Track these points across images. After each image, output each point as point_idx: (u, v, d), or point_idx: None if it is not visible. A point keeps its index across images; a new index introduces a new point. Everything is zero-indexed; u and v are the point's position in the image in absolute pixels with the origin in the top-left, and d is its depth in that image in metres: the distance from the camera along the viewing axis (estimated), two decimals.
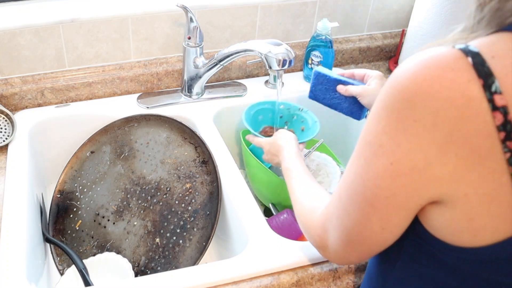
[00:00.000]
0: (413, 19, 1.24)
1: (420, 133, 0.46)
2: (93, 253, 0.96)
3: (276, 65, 0.99)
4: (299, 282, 0.76)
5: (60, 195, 1.04)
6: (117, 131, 1.07)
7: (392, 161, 0.48)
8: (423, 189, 0.48)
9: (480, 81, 0.44)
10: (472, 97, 0.44)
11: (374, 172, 0.50)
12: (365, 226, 0.53)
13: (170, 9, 1.11)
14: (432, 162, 0.46)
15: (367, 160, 0.50)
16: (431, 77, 0.45)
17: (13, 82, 1.08)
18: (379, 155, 0.49)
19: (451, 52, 0.46)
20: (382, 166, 0.49)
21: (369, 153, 0.50)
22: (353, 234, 0.54)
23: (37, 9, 1.07)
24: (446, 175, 0.46)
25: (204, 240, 0.90)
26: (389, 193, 0.49)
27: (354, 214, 0.53)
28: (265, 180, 1.03)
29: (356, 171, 0.52)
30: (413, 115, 0.46)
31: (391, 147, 0.48)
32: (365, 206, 0.52)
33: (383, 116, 0.48)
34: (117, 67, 1.15)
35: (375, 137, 0.49)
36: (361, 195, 0.52)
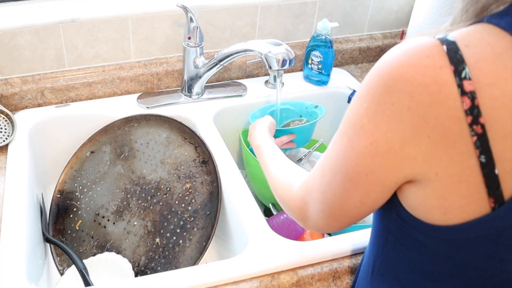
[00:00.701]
0: (413, 19, 1.24)
1: (396, 116, 0.49)
2: (93, 253, 0.96)
3: (276, 65, 0.99)
4: (299, 282, 0.76)
5: (60, 195, 1.04)
6: (117, 131, 1.07)
7: (372, 141, 0.51)
8: (399, 168, 0.51)
9: (451, 67, 0.46)
10: (443, 83, 0.46)
11: (355, 151, 0.53)
12: (346, 200, 0.56)
13: (170, 9, 1.11)
14: (407, 142, 0.49)
15: (350, 139, 0.54)
16: (408, 63, 0.48)
17: (13, 82, 1.08)
18: (361, 135, 0.52)
19: (430, 41, 0.49)
20: (362, 145, 0.52)
21: (352, 133, 0.53)
22: (335, 207, 0.58)
23: (37, 9, 1.07)
24: (419, 155, 0.49)
25: (204, 240, 0.90)
26: (368, 171, 0.53)
27: (336, 189, 0.57)
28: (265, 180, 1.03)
29: (340, 149, 0.55)
30: (390, 98, 0.49)
31: (371, 128, 0.51)
32: (347, 182, 0.55)
33: (365, 99, 0.52)
34: (117, 67, 1.15)
35: (358, 119, 0.52)
36: (343, 172, 0.55)
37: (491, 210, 0.49)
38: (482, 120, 0.46)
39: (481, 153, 0.47)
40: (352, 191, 0.55)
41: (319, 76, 1.22)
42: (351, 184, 0.55)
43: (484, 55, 0.47)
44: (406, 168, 0.51)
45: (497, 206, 0.48)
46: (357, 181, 0.54)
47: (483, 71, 0.46)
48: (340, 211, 0.58)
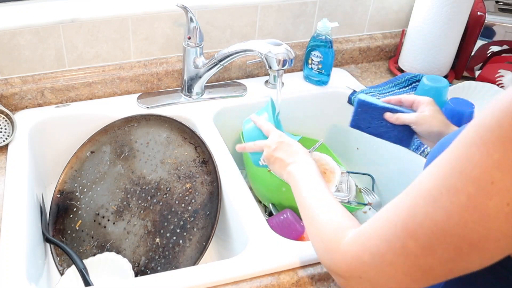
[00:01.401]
0: (413, 19, 1.24)
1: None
2: (93, 253, 0.96)
3: (276, 65, 0.99)
4: (299, 282, 0.76)
5: (60, 195, 1.04)
6: (117, 131, 1.07)
7: (509, 201, 0.42)
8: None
9: None
10: None
11: (482, 212, 0.44)
12: (458, 264, 0.47)
13: (170, 9, 1.11)
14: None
15: (471, 198, 0.44)
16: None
17: (13, 82, 1.08)
18: (491, 193, 0.43)
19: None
20: (494, 206, 0.43)
21: (475, 190, 0.43)
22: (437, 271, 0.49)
23: (37, 9, 1.07)
24: None
25: (204, 240, 0.90)
26: (501, 236, 0.44)
27: (444, 253, 0.47)
28: (265, 180, 1.03)
29: (451, 209, 0.45)
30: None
31: (507, 185, 0.42)
32: (465, 247, 0.46)
33: (496, 148, 0.42)
34: (117, 67, 1.15)
35: (485, 173, 0.43)
36: (458, 237, 0.46)
37: None
38: None
39: None
40: (471, 256, 0.46)
41: (319, 76, 1.22)
42: (473, 250, 0.45)
43: None
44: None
45: None
46: (482, 246, 0.45)
47: None
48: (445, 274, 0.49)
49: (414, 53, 1.25)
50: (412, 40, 1.24)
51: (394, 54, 1.37)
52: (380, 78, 1.30)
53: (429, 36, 1.20)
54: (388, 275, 0.52)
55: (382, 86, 1.23)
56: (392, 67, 1.33)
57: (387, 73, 1.32)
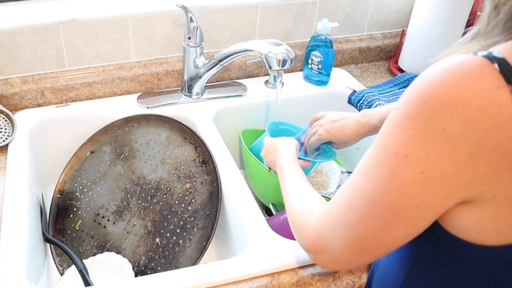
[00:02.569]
0: (413, 19, 1.24)
1: (449, 141, 0.46)
2: (93, 253, 0.96)
3: (276, 65, 0.99)
4: (299, 282, 0.76)
5: (60, 195, 1.04)
6: (117, 131, 1.07)
7: (422, 170, 0.48)
8: (454, 193, 0.49)
9: (509, 87, 0.44)
10: (503, 104, 0.44)
11: (402, 181, 0.49)
12: (387, 234, 0.53)
13: (170, 9, 1.11)
14: (463, 168, 0.47)
15: (392, 169, 0.50)
16: (459, 85, 0.45)
17: (13, 82, 1.08)
18: (407, 164, 0.48)
19: (476, 59, 0.46)
20: (411, 175, 0.49)
21: (394, 163, 0.49)
22: (371, 242, 0.54)
23: (37, 9, 1.07)
24: (476, 179, 0.47)
25: (204, 240, 0.90)
26: (419, 201, 0.49)
27: (375, 224, 0.53)
28: (265, 180, 1.03)
29: (378, 180, 0.51)
30: (441, 124, 0.46)
31: (419, 156, 0.48)
32: (390, 215, 0.51)
33: (407, 125, 0.48)
34: (117, 67, 1.15)
35: (400, 147, 0.49)
36: (385, 205, 0.51)
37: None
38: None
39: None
40: (397, 224, 0.52)
41: (319, 76, 1.22)
42: (397, 217, 0.51)
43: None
44: (462, 192, 0.48)
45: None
46: (404, 213, 0.51)
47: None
48: (378, 245, 0.54)
49: (414, 53, 1.25)
50: (412, 40, 1.24)
51: (394, 54, 1.37)
52: (380, 78, 1.30)
53: (429, 36, 1.20)
54: (339, 247, 0.58)
55: (382, 86, 1.23)
56: (392, 67, 1.33)
57: (387, 73, 1.32)
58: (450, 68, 0.46)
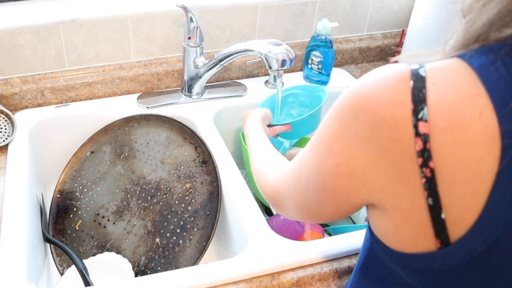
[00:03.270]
0: (413, 19, 1.24)
1: (359, 144, 0.50)
2: (93, 253, 0.96)
3: (276, 65, 0.99)
4: (299, 282, 0.76)
5: (60, 195, 1.04)
6: (117, 131, 1.07)
7: (338, 163, 0.52)
8: (359, 193, 0.53)
9: (411, 106, 0.46)
10: (402, 120, 0.46)
11: (324, 169, 0.55)
12: (319, 208, 0.59)
13: (170, 9, 1.11)
14: (366, 171, 0.50)
15: (320, 156, 0.55)
16: (374, 95, 0.48)
17: (13, 82, 1.08)
18: (329, 155, 0.53)
19: (401, 73, 0.48)
20: (329, 165, 0.53)
21: (322, 150, 0.55)
22: (310, 211, 0.61)
23: (37, 9, 1.07)
24: (377, 184, 0.50)
25: (204, 240, 0.90)
26: (334, 190, 0.55)
27: (310, 196, 0.59)
28: None
29: (311, 163, 0.57)
30: (356, 126, 0.50)
31: (338, 150, 0.52)
32: (318, 194, 0.57)
33: (335, 119, 0.53)
34: (117, 67, 1.15)
35: (327, 138, 0.54)
36: (315, 184, 0.57)
37: (437, 249, 0.49)
38: (432, 164, 0.46)
39: (429, 195, 0.47)
40: (323, 202, 0.57)
41: (319, 76, 1.22)
42: (322, 197, 0.57)
43: (447, 97, 0.46)
44: (365, 194, 0.52)
45: (443, 246, 0.48)
46: (326, 196, 0.56)
47: (440, 114, 0.45)
48: (316, 214, 0.61)
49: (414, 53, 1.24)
50: (412, 40, 1.24)
51: (394, 54, 1.37)
52: None
53: (429, 36, 1.20)
54: (291, 207, 0.64)
55: None
56: None
57: None
58: (377, 77, 0.50)
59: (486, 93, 0.45)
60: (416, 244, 0.51)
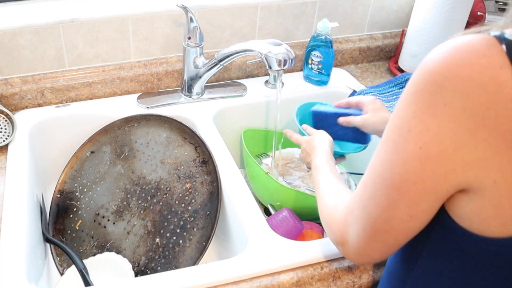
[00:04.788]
0: (413, 19, 1.24)
1: (449, 117, 0.46)
2: (93, 253, 0.96)
3: (276, 65, 0.99)
4: (299, 282, 0.76)
5: (60, 195, 1.04)
6: (117, 131, 1.07)
7: (421, 145, 0.48)
8: (452, 173, 0.48)
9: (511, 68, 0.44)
10: (504, 83, 0.44)
11: (402, 156, 0.49)
12: (392, 214, 0.52)
13: (170, 9, 1.11)
14: (462, 146, 0.46)
15: (396, 144, 0.50)
16: (463, 61, 0.45)
17: (13, 82, 1.08)
18: (408, 139, 0.49)
19: (486, 38, 0.46)
20: (411, 150, 0.49)
21: (397, 137, 0.50)
22: (379, 222, 0.53)
23: (37, 9, 1.07)
24: (475, 160, 0.46)
25: (204, 240, 0.90)
26: (417, 178, 0.49)
27: (380, 201, 0.52)
28: (263, 182, 1.03)
29: (384, 156, 0.52)
30: (443, 99, 0.46)
31: (421, 131, 0.48)
32: (392, 192, 0.51)
33: (413, 100, 0.49)
34: (117, 67, 1.15)
35: (404, 122, 0.49)
36: (388, 181, 0.51)
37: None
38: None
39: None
40: (398, 203, 0.51)
41: (319, 76, 1.23)
42: (398, 194, 0.51)
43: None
44: (460, 174, 0.47)
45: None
46: (404, 190, 0.50)
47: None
48: (385, 226, 0.53)
49: (414, 53, 1.25)
50: (412, 40, 1.24)
51: (394, 54, 1.37)
52: (380, 78, 1.30)
53: (429, 36, 1.20)
54: (356, 232, 0.57)
55: (382, 86, 1.23)
56: (392, 67, 1.33)
57: (387, 73, 1.32)
58: (457, 45, 0.47)
59: None
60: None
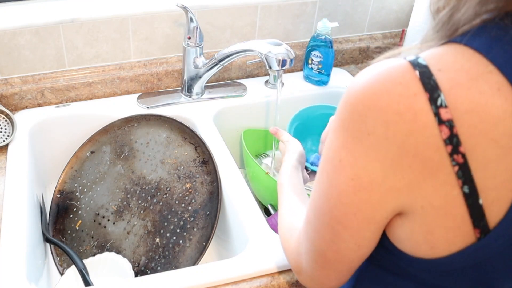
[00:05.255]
0: (413, 19, 1.24)
1: (374, 146, 0.46)
2: (93, 253, 0.96)
3: (276, 65, 0.99)
4: (299, 282, 0.76)
5: (60, 195, 1.04)
6: (117, 131, 1.07)
7: (352, 176, 0.48)
8: (385, 201, 0.48)
9: (426, 95, 0.44)
10: (419, 111, 0.44)
11: (336, 188, 0.50)
12: (339, 245, 0.52)
13: (170, 9, 1.11)
14: (389, 174, 0.47)
15: (329, 176, 0.51)
16: (380, 90, 0.46)
17: (13, 82, 1.08)
18: (340, 170, 0.49)
19: (401, 65, 0.46)
20: (343, 182, 0.49)
21: (330, 169, 0.50)
22: (329, 255, 0.54)
23: (37, 9, 1.07)
24: (403, 186, 0.47)
25: (204, 240, 0.90)
26: (355, 209, 0.49)
27: (326, 234, 0.53)
28: (263, 182, 1.03)
29: (321, 189, 0.52)
30: (366, 128, 0.46)
31: (350, 162, 0.48)
32: (335, 225, 0.51)
33: (340, 130, 0.49)
34: (117, 67, 1.15)
35: (335, 153, 0.50)
36: (328, 215, 0.52)
37: (477, 240, 0.47)
38: (462, 149, 0.44)
39: (464, 183, 0.45)
40: (343, 234, 0.51)
41: (319, 76, 1.23)
42: (341, 226, 0.51)
43: (458, 80, 0.44)
44: (392, 201, 0.48)
45: (483, 235, 0.47)
46: (345, 223, 0.50)
47: (459, 98, 0.44)
48: (336, 257, 0.54)
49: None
50: (412, 40, 1.24)
51: None
52: None
53: None
54: (308, 263, 0.57)
55: None
56: None
57: None
58: (376, 73, 0.47)
59: (496, 70, 0.44)
60: (452, 243, 0.48)
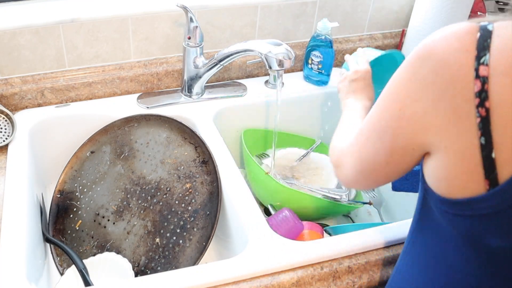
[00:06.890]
0: (413, 19, 1.24)
1: (424, 87, 0.55)
2: (93, 253, 0.96)
3: (276, 65, 0.99)
4: (299, 282, 0.76)
5: (60, 195, 1.04)
6: (117, 131, 1.07)
7: (401, 107, 0.58)
8: (416, 135, 0.57)
9: (475, 53, 0.51)
10: (464, 65, 0.51)
11: (388, 113, 0.60)
12: (375, 158, 0.64)
13: (170, 9, 1.11)
14: (428, 112, 0.55)
15: (386, 103, 0.61)
16: (441, 44, 0.54)
17: (13, 82, 1.08)
18: (395, 101, 0.59)
19: (470, 27, 0.53)
20: (393, 109, 0.59)
21: (388, 98, 0.60)
22: (365, 163, 0.66)
23: (37, 9, 1.07)
24: (435, 126, 0.55)
25: (204, 240, 0.90)
26: (394, 132, 0.60)
27: (370, 146, 0.64)
28: (263, 182, 1.03)
29: (378, 109, 0.63)
30: (422, 72, 0.55)
31: (403, 96, 0.58)
32: (377, 140, 0.63)
33: (404, 71, 0.58)
34: (117, 67, 1.15)
35: (396, 87, 0.59)
36: (376, 131, 0.63)
37: (486, 191, 0.52)
38: (488, 104, 0.50)
39: (482, 134, 0.50)
40: (380, 149, 0.62)
41: (319, 76, 1.22)
42: (380, 143, 0.62)
43: (509, 45, 0.50)
44: (421, 136, 0.56)
45: (491, 188, 0.51)
46: (384, 140, 0.61)
47: (501, 60, 0.50)
48: (369, 167, 0.66)
49: None
50: (412, 40, 1.24)
51: None
52: None
53: None
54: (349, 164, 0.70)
55: None
56: None
57: None
58: (448, 30, 0.55)
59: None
60: (466, 187, 0.54)
